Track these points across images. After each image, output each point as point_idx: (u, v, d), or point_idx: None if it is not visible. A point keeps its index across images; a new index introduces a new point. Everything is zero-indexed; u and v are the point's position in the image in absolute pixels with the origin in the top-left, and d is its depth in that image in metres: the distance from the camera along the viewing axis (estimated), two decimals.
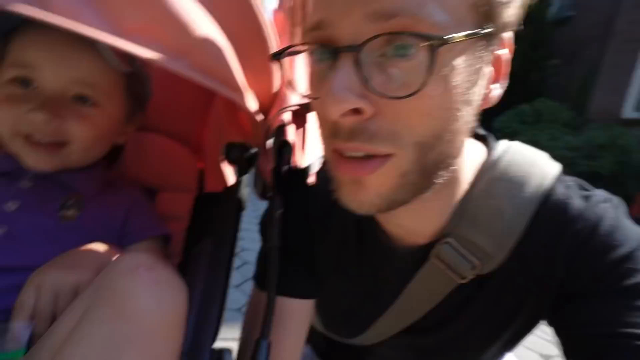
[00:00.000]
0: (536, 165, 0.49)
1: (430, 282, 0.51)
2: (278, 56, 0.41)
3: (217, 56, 0.40)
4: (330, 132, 0.39)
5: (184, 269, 0.60)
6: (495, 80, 0.42)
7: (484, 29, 0.35)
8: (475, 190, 0.49)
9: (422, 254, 0.51)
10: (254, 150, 0.64)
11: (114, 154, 0.66)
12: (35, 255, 0.47)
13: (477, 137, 0.55)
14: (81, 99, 0.54)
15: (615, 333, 0.40)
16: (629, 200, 6.92)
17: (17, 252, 0.47)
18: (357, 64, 0.34)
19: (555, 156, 0.50)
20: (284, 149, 0.49)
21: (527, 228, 0.47)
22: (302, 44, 0.39)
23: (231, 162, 0.67)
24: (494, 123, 7.95)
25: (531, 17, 10.23)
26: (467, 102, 0.38)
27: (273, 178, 0.52)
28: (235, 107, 0.69)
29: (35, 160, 0.52)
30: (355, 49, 0.33)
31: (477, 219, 0.48)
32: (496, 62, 0.41)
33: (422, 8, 0.32)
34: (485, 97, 0.41)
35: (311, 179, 0.57)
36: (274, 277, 0.49)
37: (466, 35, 0.34)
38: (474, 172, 0.50)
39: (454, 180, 0.48)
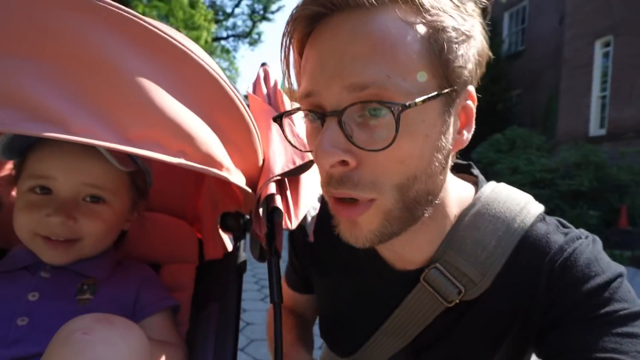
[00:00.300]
0: (520, 204, 0.54)
1: (419, 304, 0.55)
2: (279, 119, 0.50)
3: (208, 147, 0.48)
4: (325, 180, 0.46)
5: (193, 336, 0.64)
6: (463, 126, 0.49)
7: (444, 90, 0.43)
8: (462, 223, 0.53)
9: (412, 277, 0.55)
10: (247, 216, 0.71)
11: (118, 236, 0.71)
12: None
13: (469, 176, 0.62)
14: (92, 199, 0.59)
15: (592, 359, 0.43)
16: (615, 213, 7.10)
17: (40, 340, 0.50)
18: (340, 124, 0.41)
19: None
20: (275, 214, 0.54)
21: (509, 259, 0.51)
22: (298, 109, 0.48)
23: (228, 229, 0.73)
24: (471, 155, 8.28)
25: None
26: (438, 149, 0.45)
27: (267, 242, 0.57)
28: (227, 182, 0.77)
29: (52, 257, 0.57)
30: (338, 113, 0.41)
31: (463, 249, 0.52)
32: (463, 112, 0.48)
33: (388, 80, 0.40)
34: (457, 141, 0.48)
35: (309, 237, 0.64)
36: (280, 331, 0.54)
37: (424, 100, 0.41)
38: (461, 207, 0.56)
39: (441, 214, 0.52)
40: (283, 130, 0.51)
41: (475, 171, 0.61)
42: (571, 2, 9.50)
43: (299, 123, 0.68)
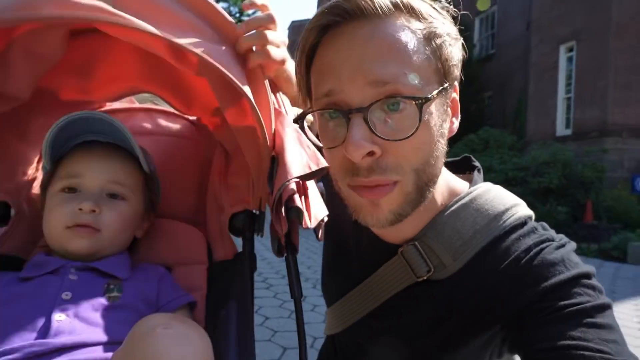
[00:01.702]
0: (505, 205, 0.59)
1: (392, 273, 0.61)
2: (299, 121, 0.55)
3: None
4: (350, 171, 0.51)
5: (212, 334, 0.66)
6: (453, 115, 0.57)
7: (445, 84, 0.51)
8: (447, 210, 0.59)
9: (393, 250, 0.61)
10: (256, 211, 0.74)
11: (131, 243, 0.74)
12: (97, 331, 0.54)
13: (467, 178, 0.67)
14: (113, 196, 0.67)
15: (558, 346, 0.46)
16: (581, 209, 7.47)
17: (80, 331, 0.54)
18: (365, 119, 0.47)
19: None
20: (293, 213, 0.56)
21: (480, 252, 0.56)
22: (316, 110, 0.53)
23: (237, 232, 0.77)
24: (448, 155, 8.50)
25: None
26: (442, 135, 0.53)
27: (286, 239, 0.61)
28: (230, 182, 0.81)
29: (78, 244, 0.62)
30: (364, 110, 0.47)
31: (441, 233, 0.58)
32: (452, 103, 0.56)
33: (405, 77, 0.47)
34: (450, 129, 0.56)
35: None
36: (302, 325, 0.58)
37: (438, 92, 0.49)
38: (453, 197, 0.61)
39: (432, 200, 0.58)
40: (304, 130, 0.56)
41: (477, 173, 0.67)
42: (537, 8, 9.95)
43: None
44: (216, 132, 0.88)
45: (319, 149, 0.59)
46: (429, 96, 0.48)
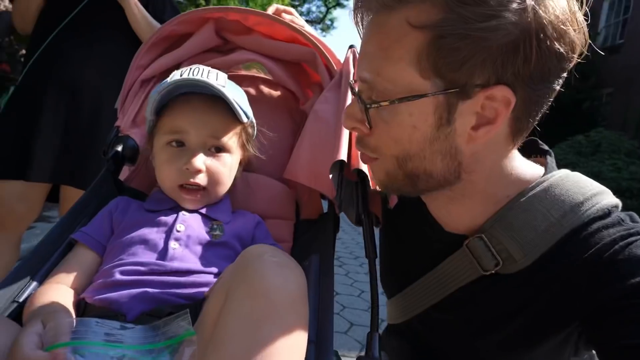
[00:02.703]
0: (585, 195, 0.53)
1: (457, 266, 0.59)
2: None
3: None
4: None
5: None
6: (481, 124, 0.49)
7: (437, 91, 0.47)
8: (517, 202, 0.55)
9: (457, 241, 0.59)
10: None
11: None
12: (201, 261, 0.64)
13: (540, 161, 0.63)
14: (216, 149, 0.72)
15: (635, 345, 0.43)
16: None
17: (189, 259, 0.63)
18: (358, 102, 0.53)
19: (622, 187, 0.56)
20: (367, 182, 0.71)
21: (555, 246, 0.52)
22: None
23: (323, 196, 0.82)
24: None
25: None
26: (432, 139, 0.50)
27: (363, 205, 0.70)
28: None
29: (188, 203, 0.71)
30: (357, 93, 0.54)
31: (512, 226, 0.54)
32: (479, 111, 0.48)
33: (379, 77, 0.50)
34: (472, 136, 0.50)
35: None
36: (375, 280, 0.61)
37: (400, 99, 0.49)
38: (524, 185, 0.57)
39: (474, 195, 0.56)
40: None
41: (550, 158, 0.62)
42: None
43: None
44: (306, 103, 0.94)
45: None
46: (374, 105, 0.51)
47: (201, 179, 0.70)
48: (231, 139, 0.74)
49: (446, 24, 0.44)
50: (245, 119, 0.74)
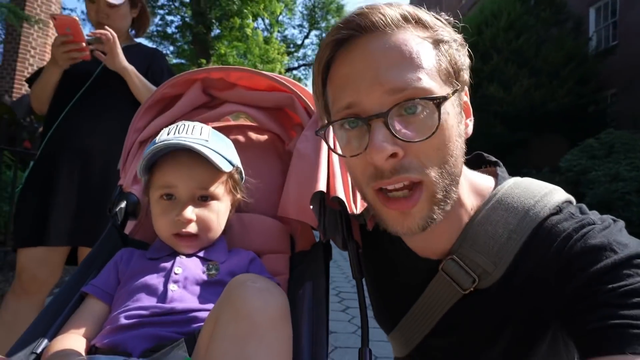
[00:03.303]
0: (535, 197, 0.57)
1: (438, 291, 0.61)
2: (320, 131, 0.59)
3: None
4: (374, 176, 0.53)
5: (292, 312, 0.76)
6: (467, 117, 0.59)
7: (456, 86, 0.54)
8: (477, 217, 0.59)
9: (434, 267, 0.62)
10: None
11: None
12: (199, 300, 0.69)
13: (491, 172, 0.67)
14: (203, 199, 0.78)
15: (608, 326, 0.45)
16: None
17: (188, 298, 0.69)
18: (386, 123, 0.50)
19: None
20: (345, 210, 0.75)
21: (520, 250, 0.55)
22: (337, 119, 0.54)
23: (313, 227, 0.87)
24: (561, 163, 7.56)
25: (571, 55, 10.15)
26: (459, 135, 0.55)
27: (347, 233, 0.73)
28: None
29: (183, 249, 0.77)
30: (383, 114, 0.50)
31: (477, 241, 0.58)
32: (465, 105, 0.58)
33: (420, 82, 0.50)
34: (465, 131, 0.58)
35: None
36: (363, 300, 0.64)
37: (452, 92, 0.52)
38: (478, 200, 0.61)
39: (458, 206, 0.58)
40: (326, 141, 0.63)
41: (500, 168, 0.66)
42: None
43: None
44: (290, 143, 1.02)
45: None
46: (445, 95, 0.51)
47: (192, 228, 0.76)
48: (218, 187, 0.79)
49: (443, 33, 0.55)
50: (228, 168, 0.79)
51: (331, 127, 0.57)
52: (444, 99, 0.51)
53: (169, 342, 0.60)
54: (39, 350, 0.61)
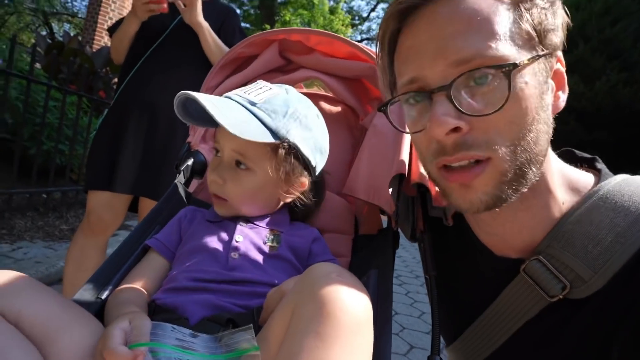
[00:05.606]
0: None
1: (517, 296, 0.53)
2: (384, 107, 0.54)
3: None
4: (437, 152, 0.49)
5: None
6: (558, 88, 0.51)
7: (540, 51, 0.46)
8: (573, 215, 0.50)
9: (511, 267, 0.53)
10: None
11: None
12: (258, 272, 0.65)
13: (590, 169, 0.57)
14: (238, 165, 0.70)
15: None
16: None
17: (247, 269, 0.65)
18: (449, 97, 0.45)
19: None
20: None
21: (633, 259, 0.46)
22: (400, 94, 0.51)
23: (383, 209, 0.80)
24: None
25: None
26: (541, 107, 0.47)
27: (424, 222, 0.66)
28: None
29: (217, 209, 0.73)
30: (446, 88, 0.45)
31: (572, 243, 0.49)
32: (555, 75, 0.50)
33: (489, 49, 0.44)
34: (555, 104, 0.50)
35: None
36: (436, 301, 0.57)
37: (529, 59, 0.44)
38: (574, 196, 0.52)
39: (546, 194, 0.51)
40: (389, 118, 0.55)
41: (600, 164, 0.56)
42: None
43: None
44: (365, 118, 0.94)
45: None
46: (518, 62, 0.43)
47: (220, 191, 0.71)
48: (255, 157, 0.69)
49: None
50: (259, 137, 0.65)
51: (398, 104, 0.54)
52: (514, 66, 0.43)
53: (227, 314, 0.57)
54: (103, 296, 0.62)
